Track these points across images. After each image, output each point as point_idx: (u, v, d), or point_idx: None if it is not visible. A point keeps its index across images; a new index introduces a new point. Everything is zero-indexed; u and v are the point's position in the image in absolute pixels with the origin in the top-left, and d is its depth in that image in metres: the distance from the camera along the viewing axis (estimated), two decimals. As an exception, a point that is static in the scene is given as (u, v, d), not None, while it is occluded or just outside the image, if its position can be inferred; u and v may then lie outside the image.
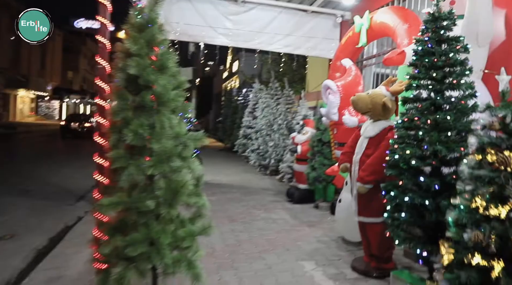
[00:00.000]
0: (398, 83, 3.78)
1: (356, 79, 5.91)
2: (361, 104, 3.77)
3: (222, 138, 19.06)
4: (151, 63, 2.72)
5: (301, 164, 6.98)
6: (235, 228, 5.37)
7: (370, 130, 3.77)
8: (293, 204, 6.94)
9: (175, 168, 2.68)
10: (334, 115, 5.73)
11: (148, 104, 2.65)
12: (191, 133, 2.89)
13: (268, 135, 10.38)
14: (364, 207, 3.82)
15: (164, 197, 2.64)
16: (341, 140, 5.85)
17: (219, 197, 7.47)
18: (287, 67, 15.31)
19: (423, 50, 2.85)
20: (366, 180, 3.59)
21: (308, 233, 5.25)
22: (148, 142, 2.63)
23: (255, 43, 7.62)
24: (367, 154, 3.74)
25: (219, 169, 11.50)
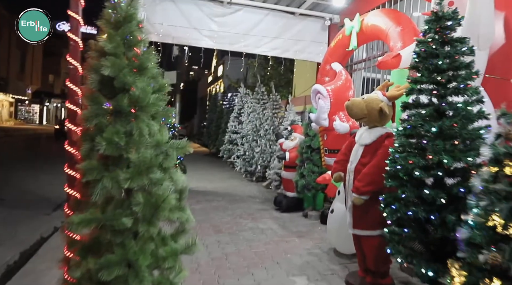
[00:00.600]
0: (395, 88, 3.57)
1: (347, 84, 5.71)
2: (355, 109, 3.55)
3: (207, 144, 18.72)
4: (128, 64, 2.44)
5: (289, 171, 6.74)
6: (221, 240, 5.08)
7: (366, 137, 3.55)
8: (281, 213, 6.69)
9: (155, 180, 2.39)
10: (324, 121, 5.52)
11: (125, 109, 2.37)
12: (174, 141, 2.61)
13: (255, 141, 10.13)
14: (360, 219, 3.58)
15: (143, 213, 2.35)
16: (331, 147, 5.64)
17: (203, 205, 7.17)
18: (273, 71, 15.10)
19: (426, 51, 2.63)
20: (362, 190, 3.36)
21: (298, 244, 5.00)
22: (124, 152, 2.35)
23: (241, 45, 7.37)
24: (362, 163, 3.51)
25: (204, 175, 11.18)
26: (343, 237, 4.44)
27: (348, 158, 3.78)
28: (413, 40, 4.63)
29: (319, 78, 6.79)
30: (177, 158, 7.19)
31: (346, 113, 5.67)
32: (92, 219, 2.30)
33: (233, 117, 12.80)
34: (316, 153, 6.21)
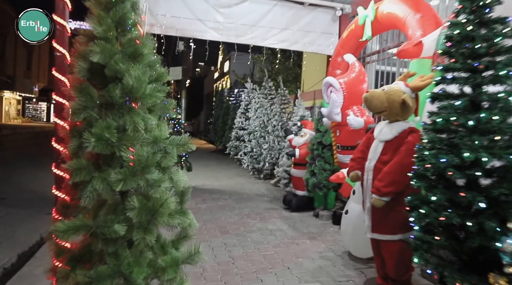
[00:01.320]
0: (418, 78, 3.24)
1: (361, 76, 5.38)
2: (375, 102, 3.23)
3: (213, 140, 18.45)
4: (122, 50, 2.15)
5: (299, 168, 6.43)
6: (228, 242, 4.79)
7: (387, 133, 3.23)
8: (290, 212, 6.39)
9: (152, 181, 2.10)
10: (336, 115, 5.20)
11: (117, 101, 2.08)
12: (174, 138, 2.32)
13: (262, 137, 9.81)
14: (379, 223, 3.27)
15: (138, 219, 2.06)
16: (344, 143, 5.32)
17: (209, 204, 6.89)
18: (281, 66, 14.75)
19: (460, 34, 2.30)
20: (383, 191, 3.04)
21: (310, 247, 4.70)
22: (117, 149, 2.06)
23: (248, 38, 7.05)
24: (382, 161, 3.20)
25: (210, 172, 10.91)
26: (358, 240, 4.13)
27: (366, 155, 3.47)
28: (434, 28, 4.31)
29: (330, 71, 6.46)
30: (182, 155, 6.93)
31: (360, 108, 5.37)
32: (81, 225, 2.02)
33: (240, 113, 12.49)
34: (327, 150, 5.88)
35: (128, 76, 2.06)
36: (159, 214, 2.11)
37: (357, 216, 4.11)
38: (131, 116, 2.09)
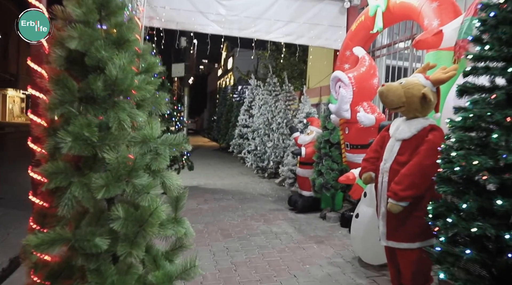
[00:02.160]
0: (440, 69, 2.94)
1: (371, 71, 5.07)
2: (392, 97, 2.92)
3: (217, 138, 18.17)
4: (106, 36, 1.86)
5: (305, 168, 6.13)
6: (230, 246, 4.51)
7: (404, 130, 2.93)
8: (296, 214, 6.10)
9: (140, 187, 1.82)
10: (345, 112, 4.89)
11: (99, 95, 1.79)
12: (167, 136, 2.04)
13: (267, 135, 9.52)
14: (396, 229, 2.98)
15: (124, 230, 1.78)
16: (354, 141, 5.02)
17: (211, 205, 6.61)
18: (285, 62, 14.43)
19: (497, 17, 1.99)
20: (401, 195, 2.75)
21: (317, 252, 4.41)
22: (99, 150, 1.78)
23: (252, 31, 6.74)
24: (399, 161, 2.90)
25: (213, 171, 10.65)
26: (370, 246, 3.84)
27: (380, 155, 3.17)
28: (453, 17, 3.99)
29: (338, 65, 6.15)
30: (184, 154, 6.64)
31: (371, 104, 5.06)
32: (57, 239, 1.74)
33: (244, 110, 12.20)
34: (335, 148, 5.59)
35: (112, 66, 1.78)
36: (148, 225, 1.83)
37: (369, 220, 3.83)
38: (116, 112, 1.81)
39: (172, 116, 7.34)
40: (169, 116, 7.24)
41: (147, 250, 2.02)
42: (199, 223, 5.43)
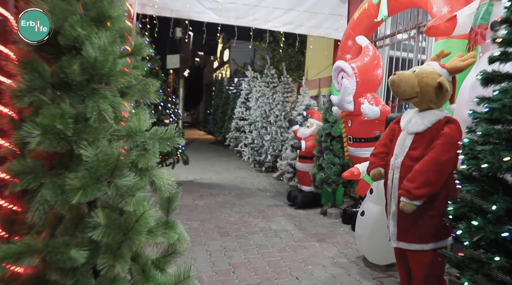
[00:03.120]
0: (457, 57, 2.69)
1: (375, 61, 4.81)
2: (404, 86, 2.67)
3: (213, 131, 17.89)
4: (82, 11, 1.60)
5: (305, 162, 5.89)
6: (228, 246, 4.27)
7: (417, 123, 2.68)
8: (295, 209, 5.87)
9: (124, 188, 1.56)
10: (348, 104, 4.64)
11: (75, 80, 1.53)
12: (157, 130, 1.79)
13: (264, 128, 9.26)
14: (407, 230, 2.74)
15: (106, 240, 1.53)
16: (357, 135, 4.77)
17: (207, 200, 6.37)
18: (283, 53, 14.11)
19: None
20: (415, 194, 2.50)
21: (319, 251, 4.18)
22: (75, 146, 1.52)
23: (249, 20, 6.45)
24: (412, 156, 2.66)
25: (209, 165, 10.39)
26: (376, 245, 3.63)
27: (390, 150, 2.93)
28: (464, 3, 3.74)
29: (339, 56, 5.89)
30: (179, 147, 6.37)
31: (375, 95, 4.81)
32: (24, 251, 1.48)
33: (240, 102, 11.91)
34: (337, 142, 5.34)
35: (90, 46, 1.51)
36: (134, 232, 1.58)
37: (375, 218, 3.60)
38: (95, 101, 1.55)
39: (166, 108, 7.06)
40: (163, 108, 6.95)
41: (134, 259, 1.78)
42: (194, 220, 5.19)
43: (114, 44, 1.60)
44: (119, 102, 1.64)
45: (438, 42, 3.91)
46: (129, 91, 1.75)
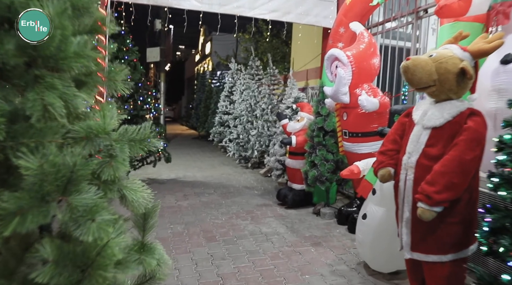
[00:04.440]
0: (480, 39, 2.34)
1: (371, 48, 4.46)
2: (420, 73, 2.31)
3: (196, 126, 17.39)
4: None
5: (295, 158, 5.53)
6: (215, 253, 3.88)
7: (435, 116, 2.33)
8: (286, 209, 5.51)
9: (81, 210, 1.15)
10: (344, 96, 4.28)
11: (9, 64, 1.11)
12: (126, 129, 1.38)
13: (250, 122, 8.86)
14: (423, 239, 2.40)
15: (56, 281, 1.12)
16: (353, 129, 4.43)
17: (192, 201, 5.95)
18: (267, 44, 13.67)
19: None
20: (436, 199, 2.16)
21: (316, 257, 3.83)
22: (11, 153, 1.11)
23: (233, 7, 6.02)
24: (430, 155, 2.31)
25: (192, 161, 9.95)
26: (380, 252, 3.29)
27: (400, 147, 2.58)
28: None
29: (330, 44, 5.52)
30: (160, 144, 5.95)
31: (372, 86, 4.46)
32: None
33: (224, 96, 11.46)
34: (330, 137, 4.99)
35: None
36: (96, 268, 1.17)
37: (379, 222, 3.26)
38: (39, 93, 1.13)
39: (146, 103, 6.58)
40: (142, 103, 6.48)
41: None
42: (178, 224, 4.77)
43: (63, 16, 1.18)
44: (73, 94, 1.22)
45: (444, 27, 3.57)
46: (88, 79, 1.33)
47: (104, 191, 1.28)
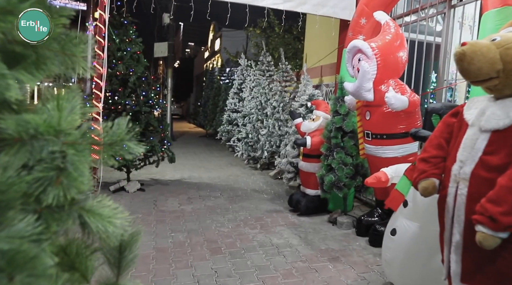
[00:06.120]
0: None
1: (397, 40, 3.98)
2: (479, 62, 1.83)
3: (203, 124, 16.98)
4: None
5: (309, 161, 5.06)
6: (220, 268, 3.43)
7: (497, 116, 1.85)
8: (298, 216, 5.05)
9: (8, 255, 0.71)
10: (367, 92, 3.81)
11: None
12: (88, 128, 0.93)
13: (260, 121, 8.40)
14: (478, 269, 1.93)
15: None
16: (377, 130, 3.95)
17: (196, 205, 5.52)
18: (279, 40, 13.17)
19: None
20: (503, 222, 1.68)
21: (335, 275, 3.36)
22: None
23: (245, -4, 5.57)
24: (489, 164, 1.84)
25: (198, 161, 9.52)
26: (412, 273, 2.82)
27: (446, 153, 2.11)
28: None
29: (349, 37, 5.04)
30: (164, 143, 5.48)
31: (399, 82, 3.98)
32: None
33: (233, 93, 11.01)
34: (349, 138, 4.51)
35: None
36: None
37: (411, 239, 2.79)
38: None
39: (149, 99, 6.15)
40: (145, 98, 6.05)
41: None
42: (180, 232, 4.34)
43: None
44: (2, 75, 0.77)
45: (489, 13, 3.09)
46: (28, 52, 0.88)
47: (45, 223, 0.84)
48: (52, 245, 0.91)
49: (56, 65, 0.94)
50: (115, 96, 5.99)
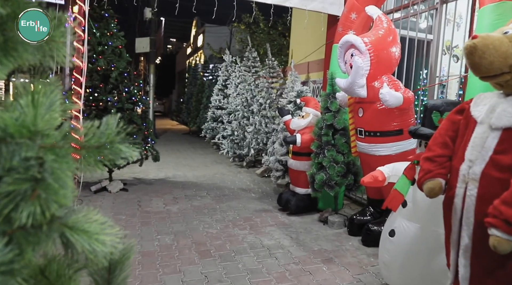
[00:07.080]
0: None
1: (390, 35, 3.89)
2: (491, 56, 1.73)
3: (186, 121, 16.71)
4: None
5: (299, 159, 4.94)
6: (210, 273, 3.28)
7: (508, 113, 1.76)
8: (288, 215, 4.93)
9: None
10: (360, 89, 3.71)
11: None
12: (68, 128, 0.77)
13: (245, 118, 8.24)
14: (488, 274, 1.83)
15: None
16: (370, 127, 3.85)
17: (182, 205, 5.34)
18: (264, 36, 12.98)
19: None
20: (521, 226, 1.58)
21: (329, 278, 3.25)
22: None
23: (231, -11, 5.40)
24: (500, 164, 1.74)
25: (183, 159, 9.32)
26: (412, 276, 2.73)
27: (452, 152, 2.01)
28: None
29: (339, 32, 4.93)
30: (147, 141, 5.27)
31: (392, 78, 3.89)
32: None
33: (217, 90, 10.82)
34: (340, 135, 4.41)
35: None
36: None
37: (411, 240, 2.70)
38: None
39: (132, 95, 5.93)
40: (127, 94, 5.82)
41: None
42: (166, 234, 4.16)
43: None
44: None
45: (485, 8, 3.01)
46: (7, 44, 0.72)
47: (19, 247, 0.68)
48: (27, 268, 0.76)
49: (30, 52, 0.78)
50: (96, 93, 5.74)
